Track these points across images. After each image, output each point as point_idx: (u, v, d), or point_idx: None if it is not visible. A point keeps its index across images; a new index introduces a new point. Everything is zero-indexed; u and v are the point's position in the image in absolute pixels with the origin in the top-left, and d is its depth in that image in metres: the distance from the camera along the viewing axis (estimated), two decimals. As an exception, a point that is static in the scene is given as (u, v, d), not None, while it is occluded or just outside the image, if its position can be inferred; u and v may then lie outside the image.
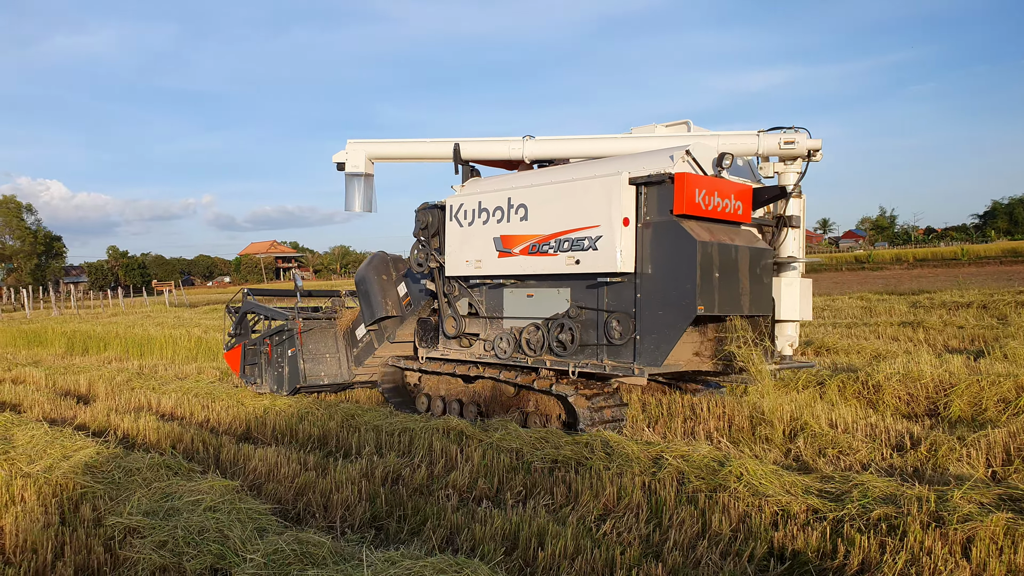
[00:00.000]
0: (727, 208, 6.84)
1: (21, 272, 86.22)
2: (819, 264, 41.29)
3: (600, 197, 6.84)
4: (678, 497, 5.18)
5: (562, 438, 6.42)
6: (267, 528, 4.67)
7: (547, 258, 7.29)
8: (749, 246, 6.91)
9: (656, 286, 6.69)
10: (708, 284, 6.47)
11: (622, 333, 6.88)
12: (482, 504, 5.45)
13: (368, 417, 7.98)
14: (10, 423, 7.92)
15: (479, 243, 7.96)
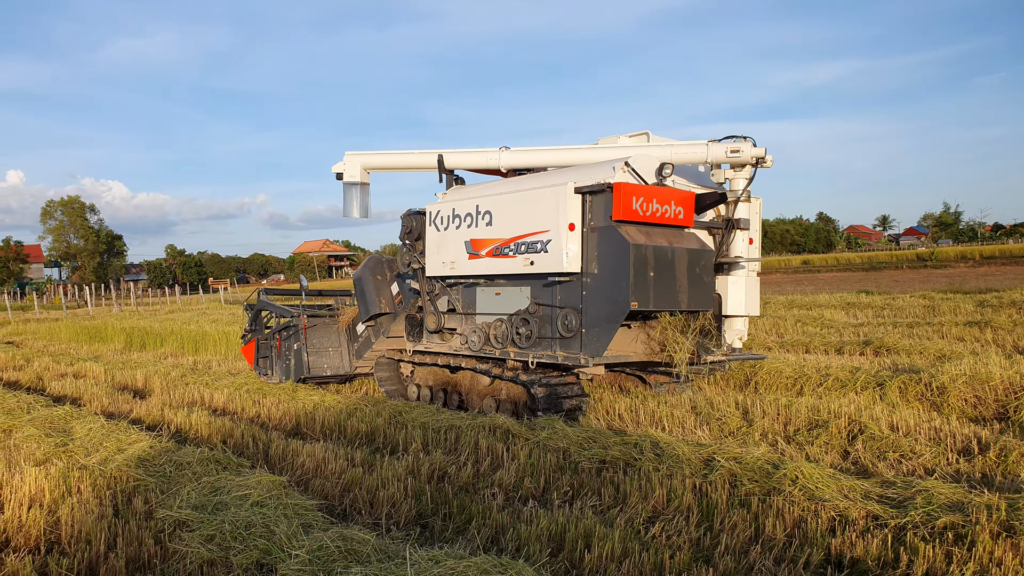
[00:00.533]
0: (667, 214, 7.46)
1: (84, 270, 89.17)
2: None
3: (550, 205, 7.52)
4: (730, 500, 5.03)
5: (610, 438, 6.31)
6: (313, 524, 4.67)
7: (508, 260, 8.00)
8: (688, 248, 7.49)
9: (599, 284, 7.32)
10: (642, 282, 7.07)
11: (571, 327, 7.54)
12: (528, 504, 5.37)
13: (415, 414, 7.96)
14: (69, 416, 8.14)
15: (453, 246, 8.68)
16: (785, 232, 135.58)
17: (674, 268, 7.33)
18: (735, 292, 8.07)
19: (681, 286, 7.38)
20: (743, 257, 8.05)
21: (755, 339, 12.54)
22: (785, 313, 15.83)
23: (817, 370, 9.10)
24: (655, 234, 7.36)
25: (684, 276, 7.40)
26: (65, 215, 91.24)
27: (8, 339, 24.84)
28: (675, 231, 7.62)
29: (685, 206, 7.60)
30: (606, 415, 7.96)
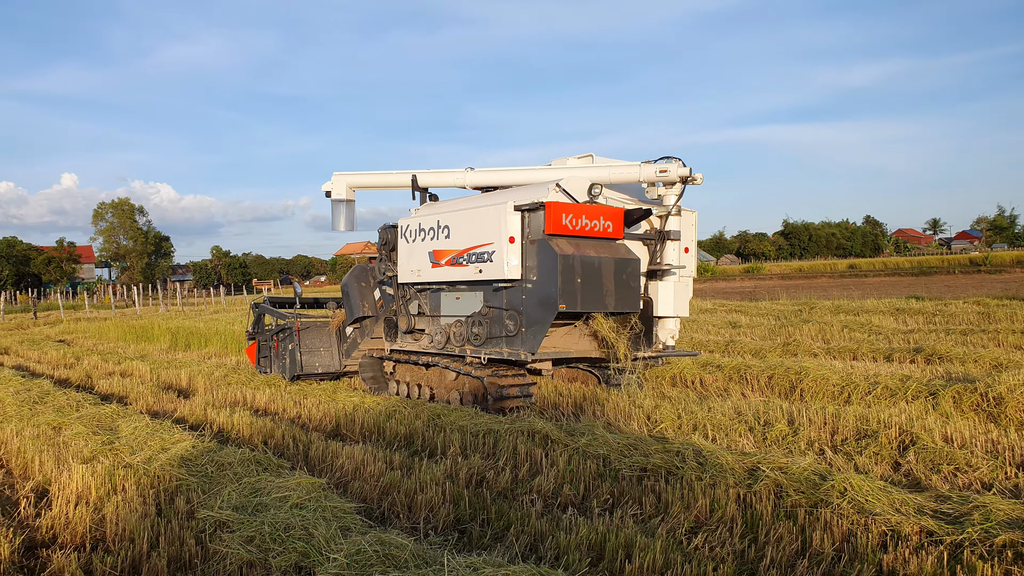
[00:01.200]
0: (596, 228, 8.40)
1: (133, 271, 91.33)
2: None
3: (494, 221, 8.47)
4: (775, 512, 4.89)
5: (651, 445, 6.19)
6: (351, 527, 4.65)
7: (462, 268, 8.96)
8: (615, 257, 8.40)
9: (535, 289, 8.28)
10: (570, 288, 7.99)
11: (514, 326, 8.47)
12: (567, 511, 5.29)
13: (453, 417, 7.93)
14: (116, 415, 8.29)
15: (419, 256, 9.70)
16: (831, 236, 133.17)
17: (601, 275, 8.26)
18: (665, 296, 9.13)
19: (608, 291, 8.31)
20: (673, 265, 9.13)
21: (801, 345, 12.28)
22: (831, 319, 15.48)
23: (865, 378, 8.85)
24: (584, 245, 8.30)
25: (611, 282, 8.34)
26: (115, 217, 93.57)
27: (60, 337, 25.52)
28: (604, 242, 8.54)
29: (614, 221, 8.56)
30: (647, 421, 7.83)
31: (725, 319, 17.26)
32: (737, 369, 10.08)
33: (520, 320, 8.40)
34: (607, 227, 8.48)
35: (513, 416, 7.88)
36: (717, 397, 9.14)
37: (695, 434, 7.21)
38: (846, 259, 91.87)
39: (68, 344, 22.51)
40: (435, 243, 9.39)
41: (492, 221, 8.50)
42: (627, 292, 8.47)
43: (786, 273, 67.02)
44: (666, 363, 10.15)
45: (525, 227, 8.38)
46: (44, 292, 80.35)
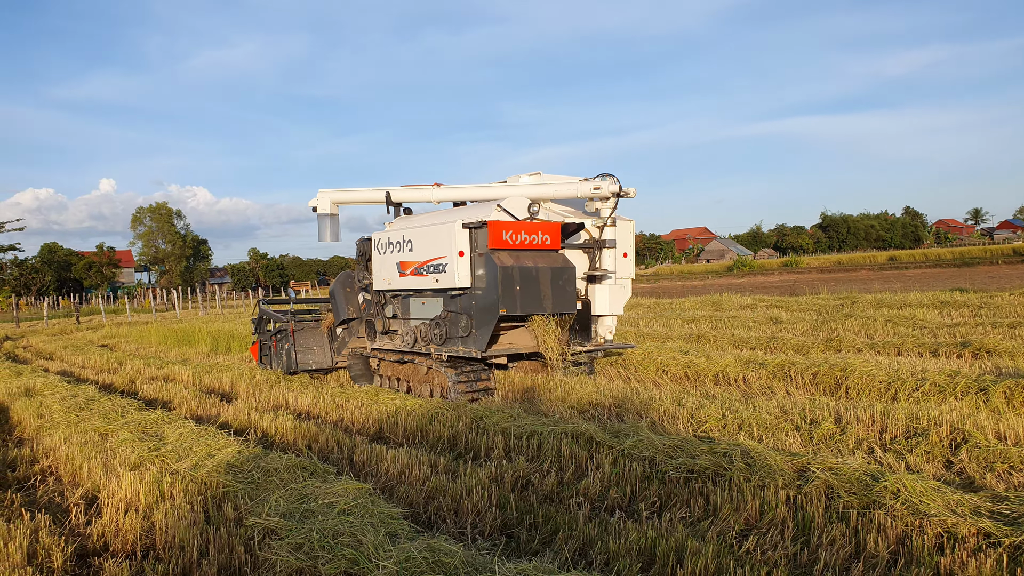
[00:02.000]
0: (535, 241, 9.48)
1: (172, 274, 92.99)
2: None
3: (446, 237, 9.56)
4: (827, 514, 4.79)
5: (697, 446, 6.11)
6: (399, 533, 4.65)
7: (423, 277, 10.06)
8: (551, 266, 9.49)
9: (482, 296, 9.32)
10: (510, 294, 9.06)
11: (466, 328, 9.54)
12: (615, 514, 5.24)
13: (496, 419, 7.91)
14: (161, 420, 8.40)
15: (389, 266, 10.80)
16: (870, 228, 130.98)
17: (538, 282, 9.32)
18: (602, 297, 10.25)
19: (545, 295, 9.39)
20: (609, 270, 10.20)
21: (844, 341, 12.05)
22: (874, 313, 15.17)
23: (912, 374, 8.65)
24: (524, 257, 9.34)
25: (548, 288, 9.40)
26: (154, 221, 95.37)
27: (103, 342, 26.04)
28: (543, 253, 9.59)
29: (552, 234, 9.63)
30: (691, 420, 7.74)
31: (765, 315, 17.03)
32: (781, 366, 9.93)
33: (471, 322, 9.50)
34: (545, 240, 9.59)
35: (556, 417, 7.85)
36: (761, 395, 9.01)
37: (741, 434, 7.12)
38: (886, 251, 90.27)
39: (111, 349, 22.93)
40: (402, 255, 10.51)
41: (445, 237, 9.59)
42: (563, 296, 9.56)
43: (825, 266, 66.01)
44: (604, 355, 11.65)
45: (473, 242, 9.42)
46: (85, 297, 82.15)
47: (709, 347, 13.04)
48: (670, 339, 14.62)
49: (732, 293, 24.70)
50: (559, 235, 9.72)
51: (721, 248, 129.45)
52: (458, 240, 9.39)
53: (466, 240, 9.43)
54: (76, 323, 39.82)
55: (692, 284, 47.35)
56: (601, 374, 11.66)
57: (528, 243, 9.40)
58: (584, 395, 9.25)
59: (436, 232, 9.81)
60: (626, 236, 10.50)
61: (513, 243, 9.27)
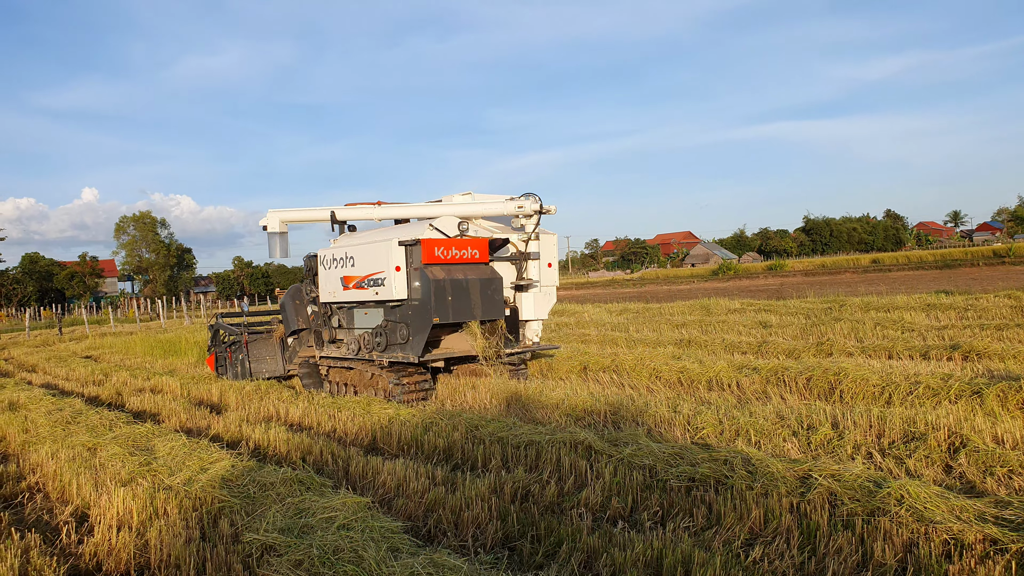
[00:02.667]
0: (464, 256, 10.35)
1: (156, 283, 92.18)
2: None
3: (384, 253, 10.39)
4: (832, 521, 4.76)
5: (698, 454, 6.07)
6: (400, 548, 4.57)
7: (364, 291, 10.86)
8: (480, 278, 10.29)
9: (418, 307, 10.16)
10: (442, 304, 9.86)
11: (404, 335, 10.41)
12: (618, 525, 5.19)
13: (492, 428, 7.84)
14: (151, 433, 8.26)
15: (333, 280, 11.62)
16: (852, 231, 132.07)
17: (468, 292, 10.11)
18: (528, 304, 11.28)
19: (475, 304, 10.19)
20: (534, 279, 11.31)
21: (835, 345, 12.07)
22: (862, 316, 15.23)
23: (905, 377, 8.66)
24: (454, 270, 10.18)
25: (478, 296, 10.20)
26: (137, 230, 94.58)
27: (87, 353, 25.72)
28: (473, 266, 10.44)
29: (480, 248, 10.49)
30: (688, 427, 7.71)
31: (754, 319, 17.06)
32: (774, 371, 9.93)
33: (409, 331, 10.35)
34: (474, 254, 10.47)
35: (553, 426, 7.79)
36: (756, 401, 8.99)
37: (739, 440, 7.08)
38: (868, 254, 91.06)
39: (95, 360, 22.65)
40: (345, 270, 11.34)
41: (383, 254, 10.43)
42: (492, 304, 10.39)
43: (809, 270, 66.42)
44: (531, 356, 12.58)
45: (409, 258, 10.27)
46: (68, 307, 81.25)
47: (701, 352, 13.03)
48: (661, 344, 14.61)
49: (719, 297, 24.74)
50: (487, 249, 10.64)
51: (706, 252, 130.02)
52: (395, 256, 10.25)
53: (402, 256, 10.28)
54: (59, 334, 39.36)
55: (678, 288, 47.47)
56: (593, 380, 11.63)
57: (458, 257, 10.34)
58: (579, 402, 9.18)
59: (375, 249, 10.67)
60: (550, 248, 11.61)
61: (444, 258, 10.21)
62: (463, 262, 10.38)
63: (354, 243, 11.39)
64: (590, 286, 66.61)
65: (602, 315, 22.31)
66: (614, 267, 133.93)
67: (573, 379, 11.94)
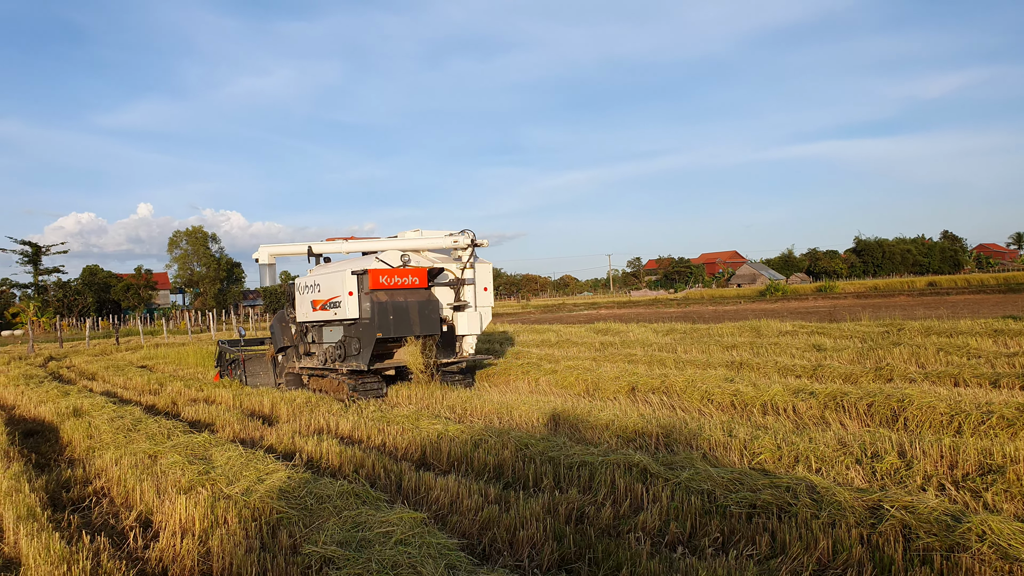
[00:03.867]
0: (407, 282, 12.74)
1: (206, 296, 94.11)
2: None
3: (340, 281, 12.73)
4: (907, 556, 4.58)
5: (758, 480, 5.92)
6: (457, 565, 4.53)
7: (327, 312, 13.19)
8: (418, 300, 12.67)
9: (367, 325, 12.45)
10: (385, 322, 12.23)
11: (357, 348, 12.72)
12: (677, 550, 5.07)
13: (541, 447, 7.76)
14: (208, 443, 8.37)
15: (306, 303, 13.98)
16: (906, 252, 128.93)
17: (408, 312, 12.49)
18: (463, 322, 13.40)
19: (414, 322, 12.53)
20: (469, 302, 13.56)
21: (895, 370, 11.70)
22: (923, 340, 14.76)
23: (976, 406, 8.35)
24: (396, 294, 12.53)
25: (416, 316, 12.55)
26: (189, 244, 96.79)
27: (142, 363, 26.31)
28: (414, 291, 12.78)
29: (420, 276, 12.90)
30: (744, 451, 7.54)
31: (807, 341, 16.69)
32: (832, 396, 9.67)
33: (360, 344, 12.61)
34: (414, 281, 12.80)
35: (605, 447, 7.69)
36: (814, 426, 8.76)
37: (799, 466, 6.90)
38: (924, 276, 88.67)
39: (150, 370, 23.15)
40: (314, 295, 13.64)
41: (339, 282, 12.71)
42: (429, 322, 12.70)
43: (861, 291, 64.95)
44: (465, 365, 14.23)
45: (360, 285, 12.48)
46: (124, 318, 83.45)
47: (753, 375, 12.77)
48: (711, 366, 14.35)
49: (768, 318, 24.28)
50: (426, 277, 13.00)
51: (752, 272, 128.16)
52: (348, 283, 12.52)
53: (354, 283, 12.52)
54: (115, 344, 40.40)
55: (725, 309, 46.78)
56: (642, 402, 11.48)
57: (400, 284, 12.64)
58: (629, 424, 9.07)
59: (334, 278, 12.95)
60: (485, 275, 13.79)
61: (388, 284, 12.50)
62: (404, 287, 12.67)
63: (321, 272, 13.72)
64: (632, 305, 66.07)
65: (648, 335, 22.03)
66: (657, 286, 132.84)
67: (622, 400, 11.79)
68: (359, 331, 12.57)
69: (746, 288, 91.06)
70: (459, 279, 13.50)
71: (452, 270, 13.53)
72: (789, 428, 8.46)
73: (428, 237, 13.55)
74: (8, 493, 6.89)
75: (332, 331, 13.58)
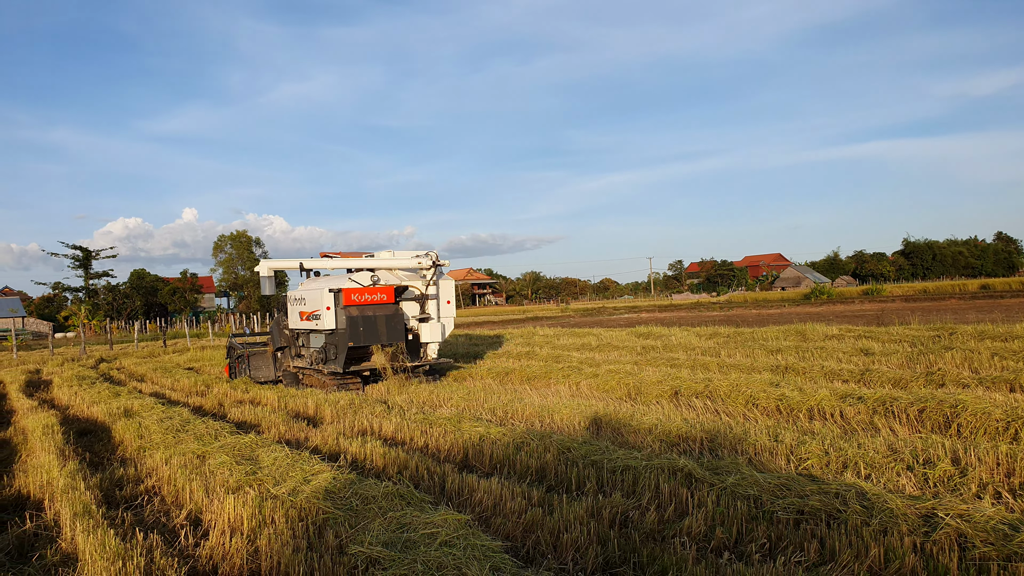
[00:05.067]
0: (376, 298, 14.57)
1: (250, 300, 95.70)
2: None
3: (319, 297, 14.71)
4: (962, 566, 4.46)
5: (806, 486, 5.82)
6: (502, 568, 4.54)
7: (311, 322, 15.18)
8: (386, 314, 14.51)
9: (342, 334, 14.47)
10: (356, 332, 14.21)
11: (334, 354, 14.82)
12: (723, 556, 5.01)
13: (584, 451, 7.74)
14: (255, 444, 8.51)
15: (295, 314, 16.16)
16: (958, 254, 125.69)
17: (376, 324, 14.39)
18: (426, 331, 15.28)
19: (382, 332, 14.46)
20: (432, 314, 15.61)
21: (947, 375, 11.41)
22: (976, 345, 14.38)
23: (1033, 412, 8.10)
24: (367, 309, 14.47)
25: (384, 327, 14.47)
26: (234, 248, 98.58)
27: (189, 365, 26.86)
28: (383, 306, 14.67)
29: (387, 293, 14.70)
30: (790, 456, 7.42)
31: (854, 345, 16.37)
32: (881, 401, 9.47)
33: (336, 351, 14.72)
34: (382, 297, 14.66)
35: (648, 451, 7.64)
36: (862, 432, 8.58)
37: (847, 472, 6.76)
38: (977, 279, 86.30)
39: (197, 372, 23.61)
40: (301, 307, 15.79)
41: (319, 297, 14.72)
42: (395, 332, 14.65)
43: (909, 295, 63.50)
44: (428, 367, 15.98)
45: (336, 300, 14.44)
46: (170, 321, 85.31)
47: (798, 379, 12.56)
48: (755, 370, 14.16)
49: (813, 322, 23.86)
50: (393, 294, 14.81)
51: (797, 275, 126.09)
52: (326, 299, 14.51)
53: (332, 299, 14.46)
54: (163, 346, 41.29)
55: (769, 312, 46.09)
56: (686, 406, 11.37)
57: (371, 300, 14.52)
58: (672, 428, 8.99)
59: (315, 294, 14.97)
60: (448, 290, 15.91)
61: (359, 300, 14.39)
62: (373, 303, 14.57)
63: (306, 288, 15.86)
64: (674, 308, 65.49)
65: (690, 339, 21.80)
66: (699, 289, 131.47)
67: (664, 404, 11.70)
68: (336, 340, 14.67)
69: (790, 291, 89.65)
70: (423, 295, 15.56)
71: (418, 287, 15.50)
72: (837, 433, 8.30)
73: (398, 258, 15.73)
74: (65, 490, 7.08)
75: (316, 338, 15.75)
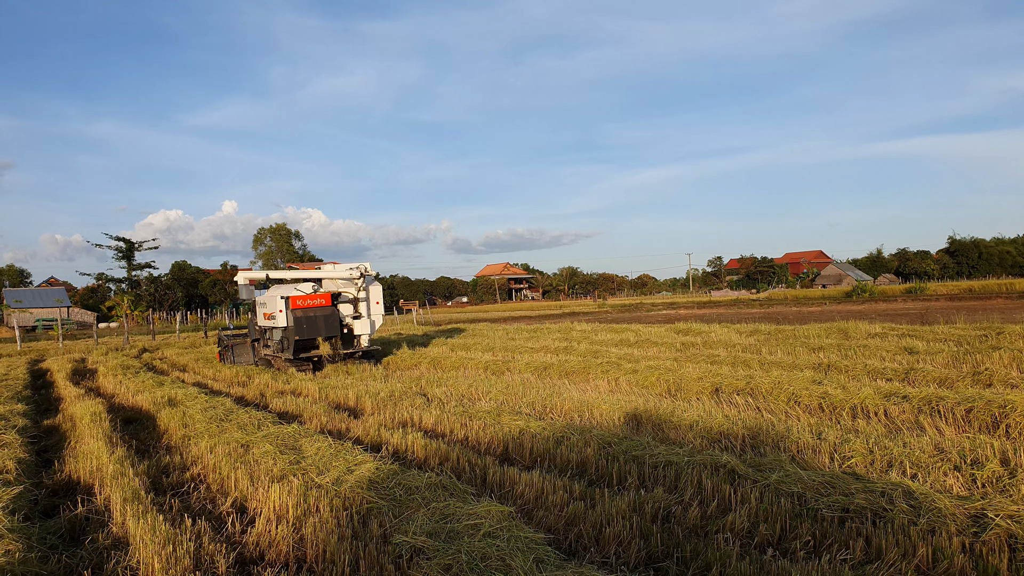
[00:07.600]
0: (317, 303, 18.72)
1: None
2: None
3: (275, 302, 18.71)
4: (1012, 566, 4.38)
5: (851, 484, 5.76)
6: (545, 560, 4.57)
7: (271, 321, 19.09)
8: (324, 314, 18.64)
9: (291, 330, 18.36)
10: (300, 327, 18.28)
11: (288, 345, 18.64)
12: (767, 552, 4.98)
13: (625, 446, 7.73)
14: (298, 434, 8.65)
15: (261, 314, 20.15)
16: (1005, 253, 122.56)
17: (317, 322, 18.45)
18: (359, 327, 19.50)
19: (321, 327, 18.52)
20: (364, 313, 19.64)
21: (995, 375, 11.16)
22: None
23: (1086, 414, 7.90)
24: (309, 311, 18.48)
25: (323, 324, 18.53)
26: (273, 241, 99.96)
27: (231, 356, 27.32)
28: (322, 308, 18.72)
29: (325, 299, 18.84)
30: (834, 454, 7.33)
31: (898, 344, 16.08)
32: (927, 400, 9.30)
33: (289, 343, 18.49)
34: (322, 302, 18.80)
35: (690, 447, 7.60)
36: (907, 431, 8.45)
37: (892, 471, 6.67)
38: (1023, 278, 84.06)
39: (239, 362, 24.02)
40: (265, 309, 19.71)
41: (275, 303, 18.66)
42: (332, 328, 18.67)
43: (954, 293, 62.10)
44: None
45: (287, 305, 18.35)
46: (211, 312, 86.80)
47: (841, 377, 12.39)
48: (797, 368, 13.99)
49: (855, 320, 23.48)
50: (330, 299, 19.04)
51: (838, 273, 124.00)
52: (279, 304, 18.42)
53: (284, 304, 18.38)
54: (204, 337, 42.03)
55: (809, 310, 45.41)
56: (727, 403, 11.28)
57: (313, 304, 18.67)
58: (714, 424, 8.94)
59: (272, 300, 18.97)
60: (377, 293, 19.92)
61: (304, 304, 18.52)
62: (315, 306, 18.72)
63: (268, 295, 19.70)
64: (712, 305, 64.87)
65: (731, 336, 21.61)
66: (738, 286, 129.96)
67: (705, 401, 11.63)
68: (287, 334, 18.64)
69: (831, 289, 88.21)
70: (355, 297, 19.67)
71: (351, 292, 19.47)
72: (881, 432, 8.19)
73: (338, 270, 19.88)
74: (115, 476, 7.28)
75: (276, 332, 19.77)
